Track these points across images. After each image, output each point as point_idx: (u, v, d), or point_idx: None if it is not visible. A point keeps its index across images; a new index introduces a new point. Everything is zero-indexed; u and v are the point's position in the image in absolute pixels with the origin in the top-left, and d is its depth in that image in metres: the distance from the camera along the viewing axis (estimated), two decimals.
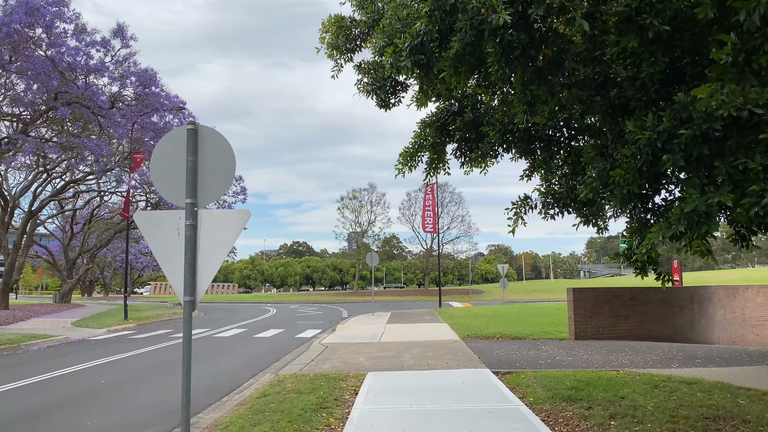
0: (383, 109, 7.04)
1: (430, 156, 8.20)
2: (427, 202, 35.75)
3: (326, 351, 14.03)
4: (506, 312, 25.81)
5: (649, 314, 17.37)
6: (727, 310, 22.36)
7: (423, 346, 14.27)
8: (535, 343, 14.68)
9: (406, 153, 8.13)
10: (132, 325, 24.21)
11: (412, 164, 8.26)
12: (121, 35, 24.63)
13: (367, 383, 9.26)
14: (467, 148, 7.77)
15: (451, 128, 7.93)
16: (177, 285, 4.51)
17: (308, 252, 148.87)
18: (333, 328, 21.24)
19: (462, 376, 9.85)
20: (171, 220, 4.57)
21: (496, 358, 11.99)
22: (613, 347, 13.78)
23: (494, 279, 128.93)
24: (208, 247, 4.54)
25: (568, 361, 11.46)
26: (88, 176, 34.28)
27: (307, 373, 10.50)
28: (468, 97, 7.75)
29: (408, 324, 21.64)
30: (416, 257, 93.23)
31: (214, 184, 4.61)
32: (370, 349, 14.08)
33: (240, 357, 14.10)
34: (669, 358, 11.70)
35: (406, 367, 10.99)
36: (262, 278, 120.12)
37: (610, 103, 5.00)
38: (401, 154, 8.19)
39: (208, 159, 4.61)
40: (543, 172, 7.08)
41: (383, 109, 7.04)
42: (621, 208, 4.64)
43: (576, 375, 9.46)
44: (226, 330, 21.93)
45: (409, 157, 8.18)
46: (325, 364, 11.86)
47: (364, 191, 76.71)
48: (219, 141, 4.66)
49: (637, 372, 9.87)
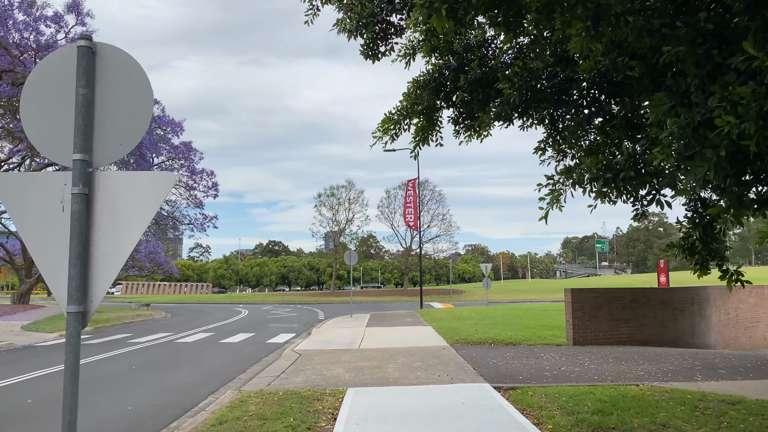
0: (370, 60, 5.48)
1: (420, 123, 6.66)
2: (408, 198, 34.26)
3: (299, 360, 12.42)
4: (492, 314, 24.45)
5: (650, 317, 16.13)
6: (721, 312, 21.28)
7: (408, 354, 12.75)
8: (532, 350, 13.28)
9: (388, 119, 6.58)
10: (89, 329, 22.21)
11: (396, 132, 6.71)
12: (76, 11, 22.45)
13: (347, 404, 7.70)
14: (469, 113, 6.24)
15: (449, 89, 6.38)
16: (57, 287, 2.90)
17: (284, 251, 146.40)
18: (308, 332, 19.60)
19: (459, 393, 8.34)
20: (49, 188, 2.96)
21: (493, 368, 10.53)
22: (619, 354, 12.45)
23: (471, 279, 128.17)
24: (109, 229, 2.94)
25: (576, 372, 10.05)
26: (47, 167, 31.96)
27: (276, 390, 8.89)
28: (472, 50, 6.23)
29: (389, 327, 20.10)
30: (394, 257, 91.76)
31: (120, 132, 3.01)
32: (349, 357, 12.51)
33: (201, 367, 12.41)
34: (687, 369, 10.37)
35: (392, 381, 9.45)
36: (237, 278, 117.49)
37: (698, 31, 3.58)
38: (383, 120, 6.65)
39: (110, 93, 3.01)
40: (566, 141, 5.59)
41: (370, 60, 5.48)
42: (715, 178, 3.24)
43: (594, 392, 8.03)
44: (190, 334, 20.11)
45: (392, 124, 6.64)
46: (297, 376, 10.26)
47: (342, 188, 74.87)
48: (128, 66, 3.06)
49: (661, 387, 8.49)
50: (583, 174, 4.37)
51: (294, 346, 15.07)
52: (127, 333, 20.86)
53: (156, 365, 12.65)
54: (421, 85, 6.44)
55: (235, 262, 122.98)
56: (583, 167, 4.38)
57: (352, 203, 74.28)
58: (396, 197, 71.63)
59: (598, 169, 4.26)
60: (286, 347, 15.30)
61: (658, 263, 36.26)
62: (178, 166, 39.21)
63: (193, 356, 14.18)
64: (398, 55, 6.36)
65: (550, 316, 21.90)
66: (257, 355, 14.11)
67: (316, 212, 75.06)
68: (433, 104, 6.46)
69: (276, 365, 11.98)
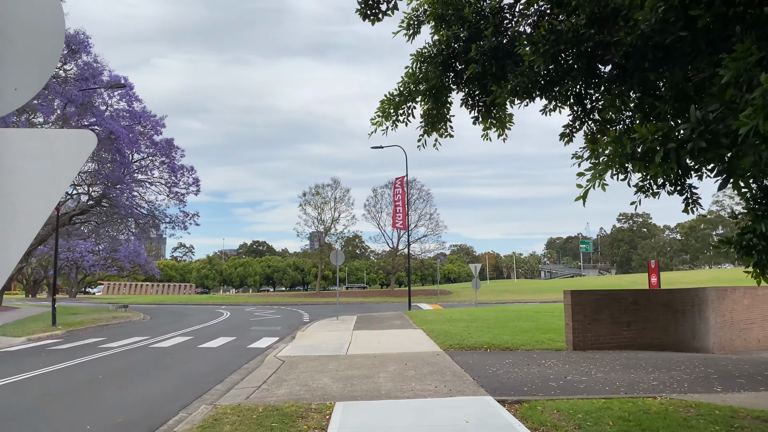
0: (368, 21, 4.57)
1: (427, 106, 5.77)
2: (397, 197, 33.33)
3: (283, 368, 11.47)
4: (483, 315, 23.64)
5: (652, 320, 15.41)
6: (717, 314, 20.71)
7: (400, 361, 11.86)
8: (531, 356, 12.46)
9: (388, 100, 5.68)
10: (59, 332, 21.01)
11: (397, 117, 5.82)
12: None
13: (336, 423, 6.79)
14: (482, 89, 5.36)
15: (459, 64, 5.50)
16: None
17: (269, 251, 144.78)
18: (292, 336, 18.62)
19: (460, 408, 7.47)
20: None
21: (494, 378, 9.67)
22: (625, 361, 11.69)
23: (457, 279, 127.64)
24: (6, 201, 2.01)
25: (584, 382, 9.22)
26: None
27: (255, 405, 7.94)
28: (486, 18, 5.35)
29: (378, 330, 19.19)
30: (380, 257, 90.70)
31: (21, 66, 2.08)
32: (336, 365, 11.59)
33: (174, 377, 11.40)
34: (702, 378, 9.61)
35: (384, 394, 8.55)
36: (220, 278, 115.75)
37: None
38: (381, 102, 5.75)
39: (4, 14, 2.07)
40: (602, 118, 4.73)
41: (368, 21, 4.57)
42: None
43: (611, 407, 7.20)
44: (167, 338, 19.02)
45: (393, 107, 5.74)
46: (280, 388, 9.31)
47: (328, 187, 73.51)
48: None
49: (683, 401, 7.69)
50: (636, 146, 3.52)
51: (277, 352, 14.11)
52: (100, 337, 19.71)
53: (126, 374, 11.62)
54: (426, 59, 5.54)
55: (218, 262, 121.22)
56: (636, 137, 3.53)
57: (338, 202, 73.12)
58: (383, 196, 70.64)
59: (657, 138, 3.43)
60: (268, 353, 14.33)
61: (649, 263, 35.76)
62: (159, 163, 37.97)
63: (168, 363, 13.16)
64: (400, 26, 5.47)
65: (543, 319, 21.14)
66: (237, 361, 13.12)
67: (301, 211, 73.45)
68: (440, 83, 5.56)
69: (257, 374, 11.03)
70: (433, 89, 5.62)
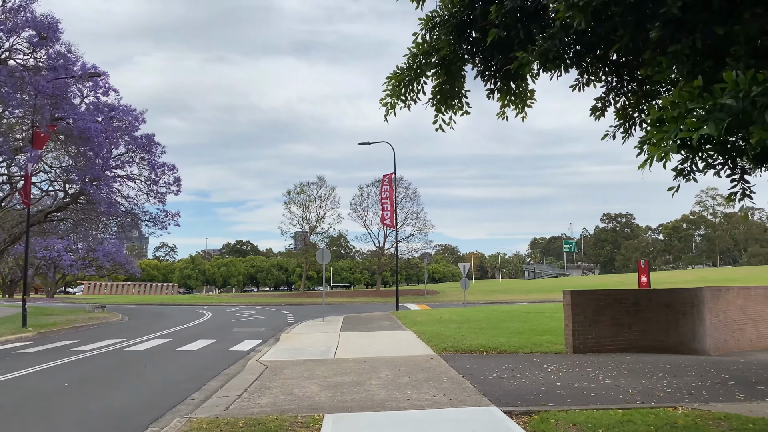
0: None
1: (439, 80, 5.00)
2: (384, 194, 32.52)
3: (266, 374, 10.62)
4: (473, 316, 22.95)
5: (653, 321, 14.83)
6: (712, 314, 20.23)
7: (392, 366, 11.08)
8: (531, 360, 11.76)
9: (398, 76, 4.93)
10: (30, 335, 19.89)
11: (410, 96, 5.08)
12: None
13: None
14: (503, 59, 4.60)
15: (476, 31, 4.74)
16: None
17: (252, 251, 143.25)
18: (276, 338, 17.74)
19: (465, 421, 6.70)
20: None
21: (495, 385, 8.93)
22: (630, 365, 11.06)
23: (442, 279, 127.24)
24: None
25: (594, 390, 8.51)
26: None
27: (235, 418, 7.10)
28: None
29: (366, 332, 18.39)
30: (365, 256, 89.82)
31: None
32: (324, 370, 10.77)
33: (148, 384, 10.50)
34: (719, 384, 8.95)
35: (378, 404, 7.76)
36: (203, 278, 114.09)
37: None
38: (389, 78, 4.99)
39: None
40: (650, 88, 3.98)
41: None
42: None
43: (632, 419, 6.48)
44: (144, 341, 18.03)
45: (404, 84, 5.00)
46: (262, 397, 8.48)
47: (313, 185, 72.43)
48: None
49: (707, 411, 7.00)
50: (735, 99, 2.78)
51: (260, 356, 13.24)
52: (72, 339, 18.66)
53: (94, 381, 10.69)
54: (437, 24, 4.77)
55: (201, 262, 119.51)
56: (728, 87, 2.80)
57: (323, 200, 72.11)
58: (369, 194, 69.76)
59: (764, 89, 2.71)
60: (251, 357, 13.46)
61: (639, 263, 35.35)
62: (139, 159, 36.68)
63: (142, 369, 12.23)
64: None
65: (536, 320, 20.51)
66: (217, 366, 12.24)
67: (285, 210, 72.39)
68: (453, 52, 4.80)
69: (238, 380, 10.17)
70: (445, 59, 4.85)
